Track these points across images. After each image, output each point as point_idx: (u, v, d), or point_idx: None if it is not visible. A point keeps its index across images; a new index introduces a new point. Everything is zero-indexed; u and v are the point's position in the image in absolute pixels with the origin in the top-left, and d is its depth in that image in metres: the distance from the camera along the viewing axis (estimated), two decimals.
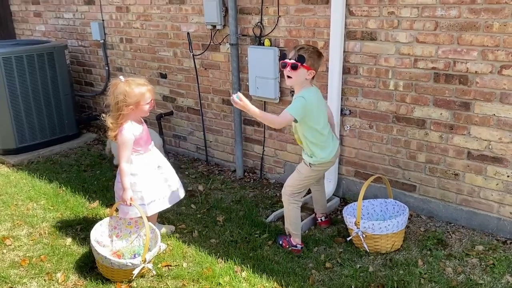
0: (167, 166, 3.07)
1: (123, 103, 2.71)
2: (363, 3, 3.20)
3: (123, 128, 2.77)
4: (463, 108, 3.01)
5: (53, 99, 4.99)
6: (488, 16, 2.77)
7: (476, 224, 3.17)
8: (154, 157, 2.99)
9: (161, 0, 4.47)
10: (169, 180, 3.03)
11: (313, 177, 2.97)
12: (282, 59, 2.73)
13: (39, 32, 6.13)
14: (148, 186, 2.90)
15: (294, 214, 2.99)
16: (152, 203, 2.92)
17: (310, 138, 2.80)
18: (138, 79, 2.84)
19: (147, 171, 2.90)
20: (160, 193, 2.97)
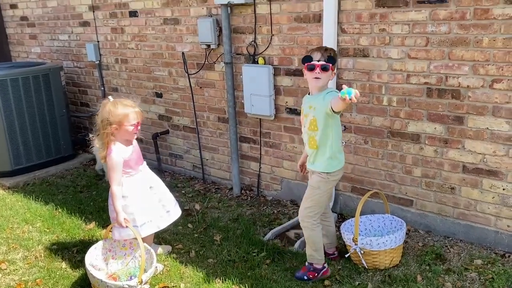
0: (160, 186, 3.05)
1: (107, 121, 2.72)
2: (354, 20, 3.25)
3: (111, 150, 2.75)
4: (457, 122, 3.03)
5: (48, 121, 4.99)
6: (478, 32, 2.81)
7: (474, 237, 3.16)
8: (145, 177, 2.97)
9: (155, 21, 4.52)
10: (163, 200, 3.01)
11: (330, 191, 2.84)
12: (307, 61, 2.63)
13: (35, 54, 6.17)
14: (140, 208, 2.87)
15: (319, 238, 2.83)
16: (145, 225, 2.89)
17: (336, 135, 2.70)
18: (126, 100, 2.82)
19: (139, 193, 2.88)
20: (154, 214, 2.94)
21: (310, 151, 2.79)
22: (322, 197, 2.80)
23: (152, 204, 2.94)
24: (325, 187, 2.77)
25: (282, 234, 3.48)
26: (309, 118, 2.71)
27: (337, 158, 2.75)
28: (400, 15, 3.05)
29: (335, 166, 2.74)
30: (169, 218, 3.03)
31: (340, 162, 2.78)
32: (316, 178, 2.78)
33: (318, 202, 2.80)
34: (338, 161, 2.76)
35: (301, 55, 3.59)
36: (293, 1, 3.51)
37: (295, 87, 3.71)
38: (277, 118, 3.90)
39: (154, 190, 2.98)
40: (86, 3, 5.14)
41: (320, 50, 2.66)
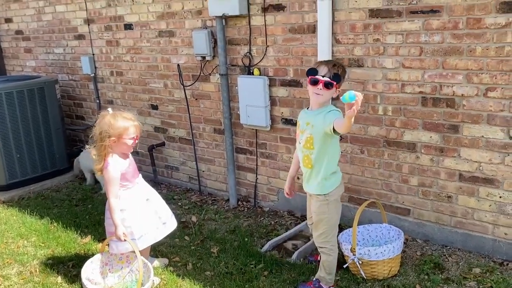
0: (156, 198, 3.04)
1: (106, 134, 2.70)
2: (348, 31, 3.27)
3: (108, 163, 2.74)
4: (452, 130, 3.04)
5: (44, 134, 4.97)
6: (471, 41, 2.84)
7: (472, 246, 3.16)
8: (142, 190, 2.95)
9: (150, 33, 4.53)
10: (159, 212, 3.00)
11: (336, 209, 2.70)
12: (311, 73, 2.49)
13: (30, 68, 6.17)
14: (137, 220, 2.85)
15: (335, 263, 2.75)
16: (142, 238, 2.87)
17: (333, 155, 2.60)
18: (126, 113, 2.82)
19: (136, 206, 2.87)
20: (150, 227, 2.92)
21: (304, 170, 2.69)
22: (331, 220, 2.68)
23: (149, 217, 2.92)
24: (328, 209, 2.65)
25: (280, 245, 3.46)
26: (305, 135, 2.59)
27: (331, 179, 2.62)
28: (393, 25, 3.08)
29: (330, 186, 2.63)
30: (165, 230, 3.01)
31: (336, 181, 2.65)
32: (316, 204, 2.68)
33: (329, 225, 2.67)
34: (333, 181, 2.64)
35: (296, 65, 3.61)
36: (287, 13, 3.54)
37: (291, 97, 3.72)
38: (273, 129, 3.90)
39: (151, 202, 2.97)
40: (81, 17, 5.16)
41: (328, 65, 2.51)
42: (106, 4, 4.83)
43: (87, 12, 5.05)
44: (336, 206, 2.69)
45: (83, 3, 5.05)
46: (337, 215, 2.72)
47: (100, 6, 4.90)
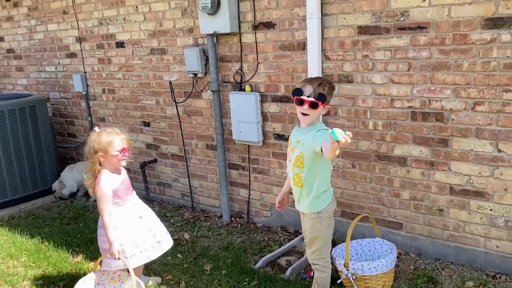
0: (151, 216, 3.02)
1: (93, 150, 2.77)
2: (338, 48, 3.32)
3: (100, 180, 2.74)
4: (442, 144, 3.07)
5: (35, 152, 4.95)
6: (458, 56, 2.89)
7: (464, 259, 3.17)
8: (135, 207, 2.94)
9: (142, 51, 4.56)
10: (153, 230, 2.97)
11: (329, 226, 2.66)
12: (296, 94, 2.46)
13: (21, 86, 6.16)
14: (129, 238, 2.83)
15: (328, 280, 2.72)
16: (134, 256, 2.84)
17: (324, 174, 2.55)
18: (111, 128, 2.86)
19: (128, 223, 2.85)
20: (144, 245, 2.90)
21: (295, 188, 2.64)
22: (324, 237, 2.64)
23: (142, 235, 2.90)
24: (322, 227, 2.61)
25: (273, 262, 3.44)
26: (296, 153, 2.55)
27: (322, 197, 2.58)
28: (382, 42, 3.13)
29: (321, 204, 2.58)
30: (160, 249, 2.98)
31: (328, 198, 2.61)
32: (308, 222, 2.64)
33: (323, 242, 2.65)
34: (324, 199, 2.59)
35: (287, 82, 3.65)
36: (277, 30, 3.59)
37: (282, 113, 3.75)
38: (265, 144, 3.92)
39: (144, 220, 2.95)
40: (73, 35, 5.19)
41: (313, 84, 2.46)
42: (98, 23, 4.86)
43: (79, 31, 5.08)
44: (329, 222, 2.67)
45: (75, 22, 5.09)
46: (330, 231, 2.69)
47: (92, 25, 4.94)
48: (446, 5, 2.85)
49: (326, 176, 2.61)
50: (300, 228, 3.81)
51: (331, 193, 2.66)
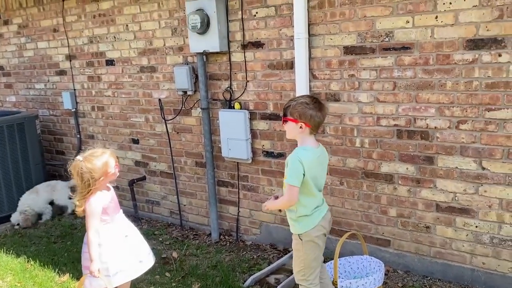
0: (136, 235, 3.00)
1: (92, 180, 2.69)
2: (325, 67, 3.38)
3: (91, 197, 2.73)
4: (427, 162, 3.12)
5: (22, 170, 4.91)
6: (441, 76, 2.96)
7: (451, 276, 3.19)
8: (121, 226, 2.92)
9: (132, 69, 4.59)
10: (137, 248, 2.96)
11: (312, 251, 2.60)
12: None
13: (10, 103, 6.14)
14: (114, 257, 2.81)
15: None
16: (117, 274, 2.82)
17: (303, 201, 2.53)
18: (94, 152, 2.77)
19: (114, 241, 2.83)
20: (127, 263, 2.87)
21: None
22: (306, 259, 2.60)
23: (126, 254, 2.88)
24: (303, 248, 2.59)
25: (262, 280, 3.43)
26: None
27: (302, 221, 2.56)
28: (367, 61, 3.20)
29: (300, 228, 2.57)
30: (142, 268, 2.96)
31: (307, 225, 2.55)
32: (293, 241, 2.65)
33: (305, 264, 2.61)
34: (303, 224, 2.56)
35: (276, 100, 3.69)
36: (266, 50, 3.65)
37: (271, 130, 3.78)
38: (254, 162, 3.94)
39: (129, 239, 2.93)
40: (62, 53, 5.21)
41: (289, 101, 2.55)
42: (88, 41, 4.89)
43: (69, 48, 5.11)
44: (312, 246, 2.59)
45: (65, 40, 5.11)
46: (313, 255, 2.61)
47: (82, 43, 4.97)
48: (429, 26, 2.93)
49: (304, 205, 2.54)
50: (289, 246, 3.82)
51: (313, 221, 2.56)
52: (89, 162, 2.70)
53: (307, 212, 2.55)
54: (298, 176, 2.45)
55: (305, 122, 2.46)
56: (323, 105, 2.54)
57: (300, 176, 2.45)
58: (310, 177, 2.48)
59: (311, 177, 2.49)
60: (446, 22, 2.87)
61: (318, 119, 2.49)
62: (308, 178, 2.47)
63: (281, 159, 3.77)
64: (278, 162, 3.80)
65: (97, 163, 2.70)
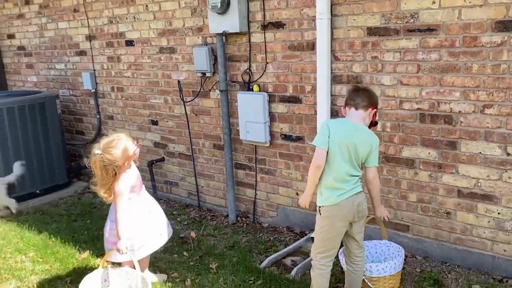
0: (157, 209, 3.09)
1: (117, 168, 2.72)
2: (347, 48, 3.32)
3: (120, 179, 2.77)
4: (450, 147, 3.06)
5: (43, 149, 4.98)
6: (467, 59, 2.88)
7: (471, 263, 3.15)
8: (145, 201, 3.00)
9: (151, 50, 4.59)
10: (157, 223, 3.03)
11: (326, 228, 2.58)
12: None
13: (31, 83, 6.21)
14: (138, 232, 2.88)
15: (318, 283, 2.65)
16: (141, 248, 2.91)
17: (328, 171, 2.52)
18: (109, 141, 2.76)
19: (138, 217, 2.90)
20: (149, 238, 2.96)
21: None
22: (319, 234, 2.61)
23: (149, 228, 2.95)
24: (319, 222, 2.60)
25: (279, 262, 3.44)
26: None
27: (325, 194, 2.55)
28: (391, 43, 3.12)
29: (322, 201, 2.57)
30: (161, 240, 3.05)
31: (328, 199, 2.54)
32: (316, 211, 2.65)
33: (318, 239, 2.62)
34: (325, 197, 2.55)
35: (296, 82, 3.65)
36: (287, 30, 3.59)
37: (290, 113, 3.75)
38: (272, 145, 3.92)
39: (152, 214, 3.00)
40: (83, 33, 5.23)
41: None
42: (108, 21, 4.90)
43: (89, 29, 5.12)
44: (327, 225, 2.58)
45: (85, 20, 5.12)
46: (326, 234, 2.59)
47: (102, 23, 4.97)
48: (457, 7, 2.84)
49: (328, 174, 2.53)
50: (306, 229, 3.83)
51: (333, 198, 2.53)
52: (108, 154, 2.70)
53: (331, 184, 2.52)
54: (323, 137, 2.49)
55: (343, 106, 2.68)
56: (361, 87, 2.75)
57: (324, 137, 2.48)
58: (337, 143, 2.47)
59: (338, 145, 2.48)
60: (475, 2, 2.78)
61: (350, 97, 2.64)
62: (334, 144, 2.47)
63: (300, 143, 3.75)
64: (296, 146, 3.78)
65: (117, 152, 2.72)
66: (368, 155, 2.57)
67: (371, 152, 2.58)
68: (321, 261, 2.64)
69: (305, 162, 3.74)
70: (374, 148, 2.59)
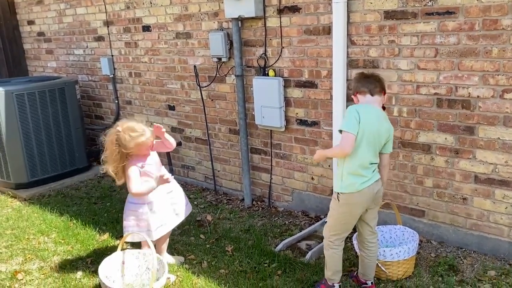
0: (178, 190, 3.17)
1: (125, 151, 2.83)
2: (363, 32, 3.28)
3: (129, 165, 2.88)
4: (467, 132, 3.03)
5: (64, 133, 5.10)
6: (487, 42, 2.82)
7: (487, 248, 3.14)
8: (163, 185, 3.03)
9: (168, 35, 4.61)
10: (176, 204, 3.11)
11: (344, 215, 2.60)
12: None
13: (51, 69, 6.32)
14: (155, 213, 2.97)
15: (332, 260, 2.70)
16: (158, 229, 3.00)
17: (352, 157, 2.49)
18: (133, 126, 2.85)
19: (156, 198, 2.97)
20: (166, 218, 3.05)
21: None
22: (336, 219, 2.63)
23: (166, 209, 3.04)
24: (336, 208, 2.60)
25: (294, 245, 3.48)
26: None
27: (347, 181, 2.52)
28: (408, 27, 3.08)
29: (344, 188, 2.53)
30: (177, 219, 3.13)
31: (351, 186, 2.52)
32: (332, 197, 2.65)
33: (333, 223, 2.65)
34: (348, 184, 2.52)
35: (311, 67, 3.63)
36: (302, 14, 3.56)
37: (305, 98, 3.75)
38: (287, 130, 3.93)
39: (172, 194, 3.07)
40: (100, 19, 5.27)
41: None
42: (125, 7, 4.93)
43: (106, 14, 5.16)
44: (345, 212, 2.60)
45: (102, 6, 5.16)
46: (343, 220, 2.62)
47: (119, 9, 5.00)
48: None
49: (355, 160, 2.49)
50: (321, 213, 3.85)
51: (357, 185, 2.51)
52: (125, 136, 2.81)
53: (355, 171, 2.51)
54: (353, 122, 2.43)
55: (355, 93, 2.62)
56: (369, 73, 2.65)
57: (355, 123, 2.43)
58: (365, 131, 2.46)
59: (367, 131, 2.46)
60: None
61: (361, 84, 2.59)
62: (363, 131, 2.45)
63: (315, 128, 3.75)
64: (311, 131, 3.78)
65: (132, 142, 2.81)
66: (387, 142, 2.59)
67: (389, 139, 2.59)
68: (335, 242, 2.69)
69: (321, 147, 3.75)
70: (391, 135, 2.61)
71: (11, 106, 4.68)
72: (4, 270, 3.33)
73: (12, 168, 4.82)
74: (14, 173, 4.84)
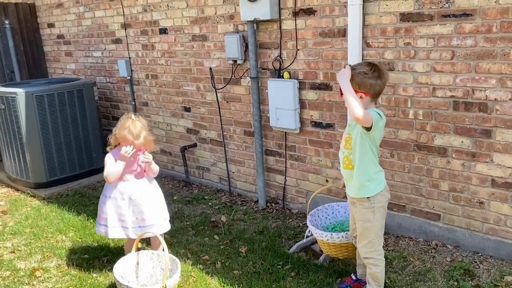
0: (144, 201, 3.08)
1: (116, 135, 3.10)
2: (379, 34, 3.27)
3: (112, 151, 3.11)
4: (484, 135, 2.99)
5: (82, 134, 5.19)
6: (505, 44, 2.79)
7: (504, 253, 3.09)
8: (129, 187, 3.08)
9: (184, 38, 4.66)
10: (143, 214, 3.06)
11: (382, 219, 2.55)
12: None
13: (70, 70, 6.44)
14: (112, 212, 3.07)
15: (383, 274, 2.62)
16: (114, 228, 3.08)
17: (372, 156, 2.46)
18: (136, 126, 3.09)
19: (116, 200, 3.07)
20: (125, 223, 3.07)
21: (345, 173, 2.59)
22: (376, 228, 2.53)
23: (126, 213, 3.07)
24: (374, 217, 2.50)
25: (307, 248, 3.48)
26: (345, 135, 2.58)
27: (375, 180, 2.49)
28: (424, 29, 3.06)
29: (374, 188, 2.48)
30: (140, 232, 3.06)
31: (382, 182, 2.51)
32: (360, 210, 2.54)
33: (374, 235, 2.55)
34: (378, 182, 2.50)
35: (326, 69, 3.64)
36: (318, 17, 3.57)
37: (320, 100, 3.75)
38: (302, 132, 3.94)
39: (134, 202, 3.06)
40: (118, 22, 5.36)
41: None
42: (142, 10, 5.00)
43: (124, 17, 5.25)
44: (382, 213, 2.55)
45: (120, 9, 5.25)
46: (382, 222, 2.57)
47: (136, 11, 5.08)
48: None
49: (374, 157, 2.50)
50: None
51: (383, 179, 2.54)
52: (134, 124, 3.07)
53: (379, 168, 2.54)
54: (376, 116, 2.38)
55: (364, 92, 2.42)
56: (383, 72, 2.46)
57: (378, 118, 2.38)
58: (381, 134, 2.50)
59: (381, 135, 2.50)
60: None
61: (378, 87, 2.45)
62: (380, 134, 2.48)
63: (330, 130, 3.75)
64: (326, 133, 3.78)
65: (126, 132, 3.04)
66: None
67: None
68: (382, 254, 2.61)
69: (335, 149, 3.74)
70: None
71: (31, 107, 4.79)
72: (23, 267, 3.41)
73: (32, 168, 4.93)
74: (33, 173, 4.95)
